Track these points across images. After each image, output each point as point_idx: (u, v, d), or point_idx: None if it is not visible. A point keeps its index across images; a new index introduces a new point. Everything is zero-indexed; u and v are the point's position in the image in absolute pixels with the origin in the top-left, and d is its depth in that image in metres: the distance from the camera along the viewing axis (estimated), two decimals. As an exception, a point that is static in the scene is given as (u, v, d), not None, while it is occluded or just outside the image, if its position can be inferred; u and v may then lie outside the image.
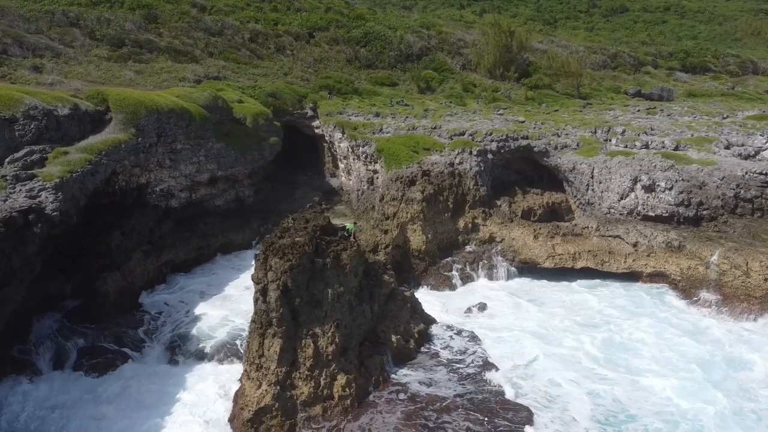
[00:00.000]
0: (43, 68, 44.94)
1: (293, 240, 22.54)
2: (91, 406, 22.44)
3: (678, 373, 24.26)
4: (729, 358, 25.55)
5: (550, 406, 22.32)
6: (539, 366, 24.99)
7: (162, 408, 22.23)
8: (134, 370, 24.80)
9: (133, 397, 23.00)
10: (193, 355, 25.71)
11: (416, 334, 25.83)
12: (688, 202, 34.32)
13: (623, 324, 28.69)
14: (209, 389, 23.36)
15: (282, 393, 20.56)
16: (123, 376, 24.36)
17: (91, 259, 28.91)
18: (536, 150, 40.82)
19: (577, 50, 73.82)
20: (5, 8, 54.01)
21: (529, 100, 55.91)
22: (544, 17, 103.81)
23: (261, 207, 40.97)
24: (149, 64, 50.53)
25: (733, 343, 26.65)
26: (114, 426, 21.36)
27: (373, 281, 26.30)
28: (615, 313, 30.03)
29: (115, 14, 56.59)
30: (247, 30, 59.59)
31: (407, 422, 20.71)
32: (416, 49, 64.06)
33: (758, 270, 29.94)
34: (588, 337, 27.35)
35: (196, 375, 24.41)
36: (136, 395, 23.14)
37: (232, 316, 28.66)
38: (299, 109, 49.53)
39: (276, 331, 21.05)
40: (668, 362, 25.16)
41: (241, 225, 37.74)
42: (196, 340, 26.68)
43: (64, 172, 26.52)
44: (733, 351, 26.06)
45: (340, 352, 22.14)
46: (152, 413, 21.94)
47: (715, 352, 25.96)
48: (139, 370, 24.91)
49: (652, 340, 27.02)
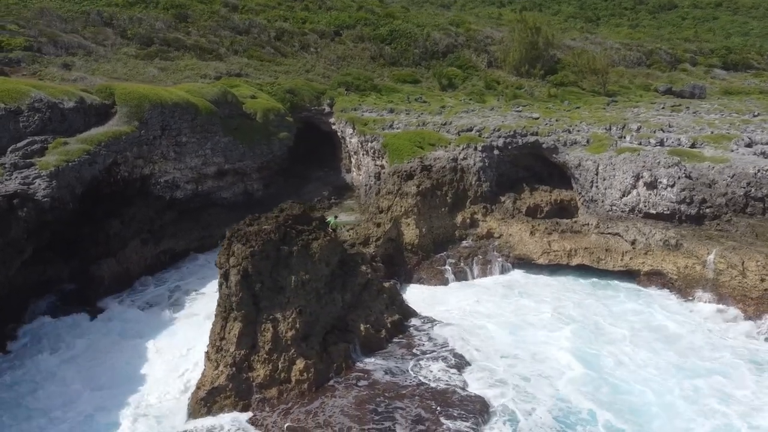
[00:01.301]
0: (73, 65, 47.12)
1: (260, 227, 23.20)
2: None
3: (651, 377, 23.69)
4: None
5: (511, 400, 22.16)
6: (511, 361, 24.82)
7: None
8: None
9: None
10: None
11: (389, 325, 26.09)
12: (690, 199, 33.42)
13: (608, 323, 28.14)
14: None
15: (238, 374, 21.20)
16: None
17: (89, 245, 30.32)
18: (545, 146, 40.41)
19: (611, 47, 72.33)
20: (45, 9, 56.83)
21: (552, 98, 55.13)
22: (587, 14, 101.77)
23: (269, 200, 41.63)
24: (174, 61, 52.28)
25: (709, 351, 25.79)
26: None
27: (348, 271, 26.72)
28: (603, 311, 29.44)
29: (147, 14, 58.73)
30: (274, 28, 60.84)
31: (358, 407, 21.05)
32: (442, 46, 64.03)
33: (755, 270, 28.99)
34: (569, 335, 26.88)
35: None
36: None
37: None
38: (317, 105, 50.31)
39: (236, 314, 21.73)
40: (643, 365, 24.54)
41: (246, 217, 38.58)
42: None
43: (60, 161, 27.93)
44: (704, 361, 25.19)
45: (302, 337, 22.64)
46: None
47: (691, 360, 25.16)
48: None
49: (633, 341, 26.42)
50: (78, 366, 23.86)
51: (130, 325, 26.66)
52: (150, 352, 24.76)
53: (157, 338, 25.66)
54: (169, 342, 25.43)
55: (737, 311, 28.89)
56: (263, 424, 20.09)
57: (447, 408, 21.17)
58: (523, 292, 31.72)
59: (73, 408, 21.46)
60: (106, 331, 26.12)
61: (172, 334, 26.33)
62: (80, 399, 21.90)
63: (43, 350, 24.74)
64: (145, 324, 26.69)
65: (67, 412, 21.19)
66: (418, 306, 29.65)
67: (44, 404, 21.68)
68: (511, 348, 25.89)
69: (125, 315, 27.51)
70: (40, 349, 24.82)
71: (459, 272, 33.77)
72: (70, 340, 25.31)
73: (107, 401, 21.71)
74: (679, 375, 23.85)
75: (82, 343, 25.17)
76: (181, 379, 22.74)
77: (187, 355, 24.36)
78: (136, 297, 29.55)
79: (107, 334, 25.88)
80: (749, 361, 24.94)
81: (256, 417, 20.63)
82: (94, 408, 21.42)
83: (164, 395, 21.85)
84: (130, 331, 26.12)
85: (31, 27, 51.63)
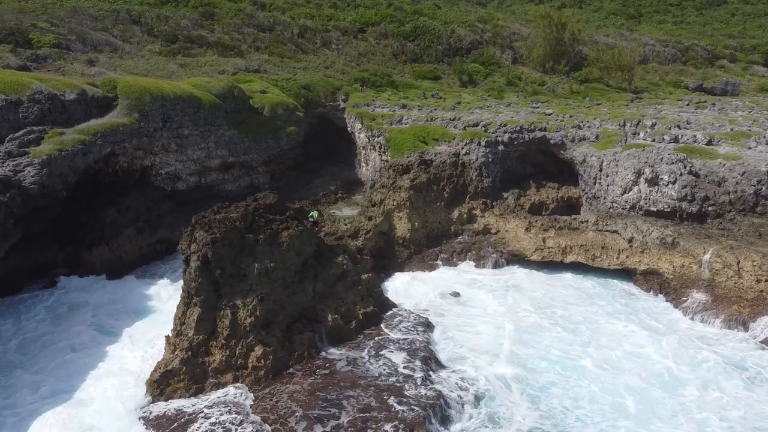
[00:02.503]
0: (97, 62, 48.71)
1: (225, 215, 23.50)
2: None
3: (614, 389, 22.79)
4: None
5: (469, 396, 21.75)
6: (481, 358, 24.38)
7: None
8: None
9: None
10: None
11: (361, 316, 25.99)
12: (692, 197, 32.20)
13: (589, 324, 27.25)
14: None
15: (193, 359, 21.51)
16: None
17: (84, 232, 31.31)
18: (552, 142, 39.63)
19: (646, 44, 70.29)
20: (78, 8, 58.92)
21: (574, 94, 54.00)
22: (629, 11, 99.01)
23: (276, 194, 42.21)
24: (196, 58, 53.44)
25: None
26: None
27: (324, 262, 26.77)
28: (589, 312, 28.55)
29: (174, 12, 60.21)
30: (297, 26, 61.46)
31: (309, 394, 21.04)
32: (466, 42, 63.49)
33: (750, 270, 27.77)
34: (550, 335, 26.21)
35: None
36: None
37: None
38: (332, 101, 50.64)
39: (195, 300, 22.07)
40: (610, 375, 23.50)
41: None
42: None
43: (53, 150, 28.90)
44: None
45: (262, 324, 22.81)
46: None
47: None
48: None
49: (613, 344, 25.57)
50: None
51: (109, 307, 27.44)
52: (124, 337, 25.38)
53: (133, 325, 26.25)
54: (144, 328, 25.97)
55: (730, 314, 27.65)
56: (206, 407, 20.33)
57: (399, 399, 20.94)
58: (512, 291, 30.99)
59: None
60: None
61: (150, 320, 26.89)
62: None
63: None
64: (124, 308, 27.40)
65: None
66: (402, 298, 29.57)
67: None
68: (484, 345, 25.41)
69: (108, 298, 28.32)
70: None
71: (450, 268, 33.39)
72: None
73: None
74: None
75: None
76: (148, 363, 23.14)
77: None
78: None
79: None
80: (736, 368, 23.78)
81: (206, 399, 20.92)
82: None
83: (133, 378, 22.23)
84: (105, 313, 26.91)
85: (62, 25, 53.55)
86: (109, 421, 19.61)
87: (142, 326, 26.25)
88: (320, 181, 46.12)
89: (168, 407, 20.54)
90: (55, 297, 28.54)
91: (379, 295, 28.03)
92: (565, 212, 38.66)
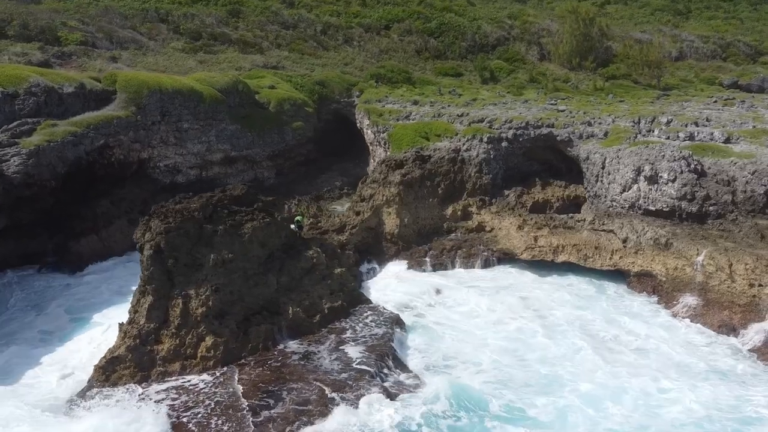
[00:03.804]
0: (120, 58, 50.02)
1: (184, 205, 23.59)
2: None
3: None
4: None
5: (418, 397, 21.00)
6: (436, 359, 23.66)
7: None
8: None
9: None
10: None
11: (326, 310, 25.67)
12: (692, 195, 30.51)
13: (573, 332, 25.83)
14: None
15: (141, 346, 21.62)
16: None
17: (76, 222, 32.06)
18: (559, 139, 38.32)
19: (685, 39, 67.43)
20: (109, 7, 60.71)
21: (598, 91, 52.16)
22: (677, 7, 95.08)
23: (279, 189, 42.26)
24: (216, 55, 54.22)
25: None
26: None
27: (293, 255, 26.58)
28: (575, 317, 27.28)
29: (200, 10, 61.29)
30: (321, 23, 61.61)
31: (251, 386, 20.90)
32: (492, 39, 62.31)
33: (743, 273, 26.13)
34: (517, 341, 25.01)
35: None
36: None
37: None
38: (347, 97, 50.48)
39: (147, 288, 22.21)
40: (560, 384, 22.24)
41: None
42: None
43: (42, 141, 29.72)
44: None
45: (215, 315, 22.78)
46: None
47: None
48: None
49: (582, 353, 24.22)
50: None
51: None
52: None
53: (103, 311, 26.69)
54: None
55: (721, 320, 26.06)
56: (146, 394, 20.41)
57: (342, 395, 20.55)
58: (497, 290, 30.05)
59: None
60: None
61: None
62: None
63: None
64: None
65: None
66: (382, 294, 29.18)
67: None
68: (446, 346, 24.63)
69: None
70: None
71: (439, 264, 32.71)
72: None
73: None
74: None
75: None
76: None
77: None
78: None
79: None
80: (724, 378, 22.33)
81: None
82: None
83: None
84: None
85: (92, 23, 55.23)
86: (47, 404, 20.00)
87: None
88: (327, 176, 46.00)
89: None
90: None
91: (352, 291, 27.62)
92: (571, 211, 37.29)
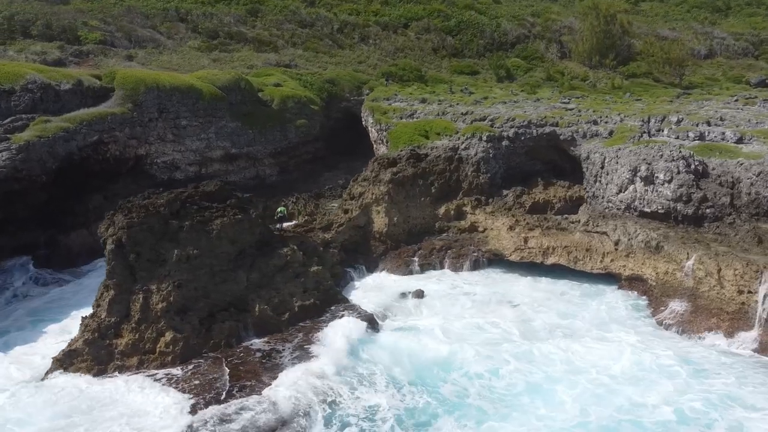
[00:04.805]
0: (136, 57, 50.90)
1: (150, 201, 23.63)
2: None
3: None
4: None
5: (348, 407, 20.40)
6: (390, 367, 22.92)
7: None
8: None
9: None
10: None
11: (297, 309, 25.42)
12: (688, 197, 29.19)
13: (553, 341, 24.34)
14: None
15: (99, 340, 21.75)
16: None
17: (69, 217, 32.58)
18: (562, 138, 37.32)
19: (716, 37, 65.00)
20: (132, 7, 61.83)
21: (616, 89, 50.65)
22: (716, 4, 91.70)
23: (282, 186, 42.21)
24: (231, 53, 54.61)
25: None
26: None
27: (267, 252, 26.39)
28: (558, 324, 26.23)
29: (219, 9, 61.86)
30: (338, 21, 61.47)
31: (199, 382, 20.88)
32: (512, 37, 61.15)
33: (732, 279, 24.83)
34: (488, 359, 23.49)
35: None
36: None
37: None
38: (357, 95, 50.18)
39: (109, 283, 22.32)
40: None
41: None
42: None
43: (33, 137, 30.27)
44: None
45: (176, 310, 22.75)
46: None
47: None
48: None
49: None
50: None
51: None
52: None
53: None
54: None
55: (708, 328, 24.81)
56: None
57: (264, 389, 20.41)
58: (483, 293, 29.25)
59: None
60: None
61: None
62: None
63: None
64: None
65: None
66: (363, 294, 28.88)
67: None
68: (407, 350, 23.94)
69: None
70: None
71: (427, 264, 32.13)
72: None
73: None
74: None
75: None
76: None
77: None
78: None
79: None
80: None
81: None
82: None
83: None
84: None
85: (113, 23, 56.32)
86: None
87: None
88: (332, 174, 45.71)
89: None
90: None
91: (328, 289, 27.25)
92: (573, 212, 36.19)
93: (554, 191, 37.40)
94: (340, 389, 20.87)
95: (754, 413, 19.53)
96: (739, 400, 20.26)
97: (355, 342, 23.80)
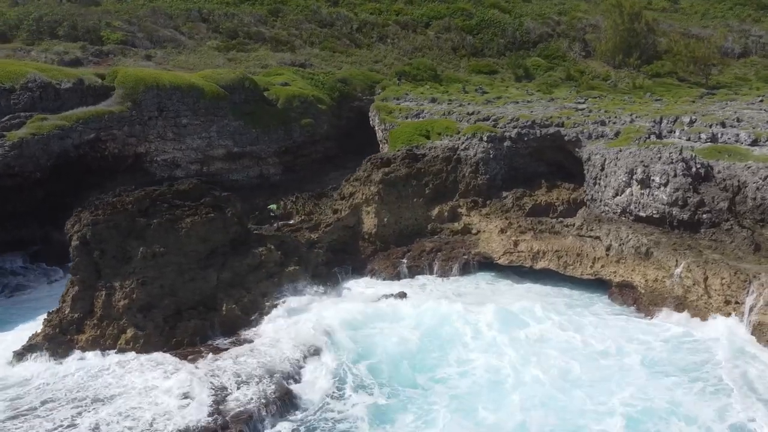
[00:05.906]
0: (154, 57, 51.76)
1: (119, 198, 23.74)
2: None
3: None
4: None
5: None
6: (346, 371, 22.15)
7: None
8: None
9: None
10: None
11: (267, 309, 25.17)
12: (684, 201, 27.80)
13: (530, 357, 22.88)
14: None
15: (60, 335, 21.92)
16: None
17: (64, 213, 33.10)
18: (566, 138, 36.19)
19: (753, 35, 62.30)
20: (157, 8, 62.90)
21: (636, 89, 48.97)
22: (760, 1, 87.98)
23: (285, 185, 42.03)
24: (248, 53, 54.96)
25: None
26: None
27: (241, 251, 26.24)
28: (539, 336, 24.94)
29: (242, 9, 62.36)
30: (357, 20, 61.21)
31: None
32: (534, 35, 59.81)
33: (718, 289, 23.58)
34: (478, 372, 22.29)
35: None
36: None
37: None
38: (369, 94, 49.79)
39: (73, 279, 22.50)
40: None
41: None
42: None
43: (27, 134, 30.87)
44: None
45: (139, 308, 22.77)
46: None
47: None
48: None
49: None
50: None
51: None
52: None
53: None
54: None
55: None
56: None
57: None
58: (469, 298, 28.37)
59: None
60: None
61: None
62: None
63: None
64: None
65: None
66: (345, 296, 28.40)
67: None
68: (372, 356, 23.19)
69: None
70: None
71: (414, 267, 31.47)
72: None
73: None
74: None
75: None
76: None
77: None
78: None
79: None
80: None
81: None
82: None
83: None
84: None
85: (136, 23, 57.37)
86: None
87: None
88: (338, 174, 45.11)
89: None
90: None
91: (304, 290, 26.92)
92: (575, 215, 35.07)
93: (557, 194, 36.25)
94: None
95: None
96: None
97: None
